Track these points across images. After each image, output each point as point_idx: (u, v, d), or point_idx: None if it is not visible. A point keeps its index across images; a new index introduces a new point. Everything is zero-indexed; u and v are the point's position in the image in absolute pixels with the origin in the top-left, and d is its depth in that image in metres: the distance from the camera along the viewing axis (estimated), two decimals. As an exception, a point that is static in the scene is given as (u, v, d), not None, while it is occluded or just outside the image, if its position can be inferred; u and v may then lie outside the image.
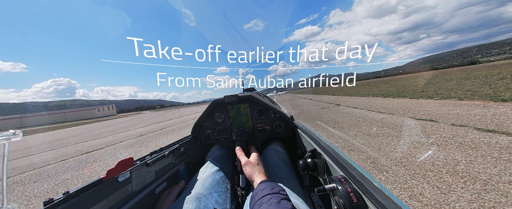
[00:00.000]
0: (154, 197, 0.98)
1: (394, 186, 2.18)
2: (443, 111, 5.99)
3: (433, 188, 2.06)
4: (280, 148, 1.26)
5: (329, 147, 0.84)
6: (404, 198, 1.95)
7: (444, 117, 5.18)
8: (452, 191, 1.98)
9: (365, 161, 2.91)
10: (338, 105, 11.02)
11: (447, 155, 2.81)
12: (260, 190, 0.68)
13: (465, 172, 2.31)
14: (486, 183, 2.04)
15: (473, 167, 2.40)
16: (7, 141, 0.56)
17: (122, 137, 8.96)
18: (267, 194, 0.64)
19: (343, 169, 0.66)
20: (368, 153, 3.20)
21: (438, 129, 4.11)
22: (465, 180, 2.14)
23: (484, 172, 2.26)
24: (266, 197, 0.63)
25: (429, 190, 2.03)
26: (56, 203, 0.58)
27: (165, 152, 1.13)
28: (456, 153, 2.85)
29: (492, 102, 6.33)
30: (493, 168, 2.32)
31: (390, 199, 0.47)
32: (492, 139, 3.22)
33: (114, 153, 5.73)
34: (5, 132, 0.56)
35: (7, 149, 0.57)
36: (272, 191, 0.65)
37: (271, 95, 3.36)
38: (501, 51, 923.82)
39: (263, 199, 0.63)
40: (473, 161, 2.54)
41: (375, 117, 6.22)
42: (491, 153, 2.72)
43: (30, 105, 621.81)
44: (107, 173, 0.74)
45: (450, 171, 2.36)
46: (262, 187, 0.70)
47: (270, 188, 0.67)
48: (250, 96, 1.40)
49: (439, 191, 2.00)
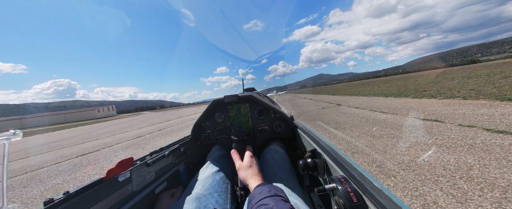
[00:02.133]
0: (154, 197, 0.98)
1: (404, 193, 2.01)
2: (448, 111, 5.80)
3: (448, 196, 1.89)
4: (280, 148, 1.26)
5: (329, 147, 0.83)
6: (417, 207, 1.79)
7: (450, 117, 5.00)
8: (469, 200, 1.81)
9: (370, 164, 2.74)
10: (339, 105, 10.85)
11: (458, 158, 2.65)
12: (257, 194, 0.66)
13: (480, 177, 2.14)
14: (505, 191, 1.87)
15: (489, 172, 2.23)
16: (7, 141, 0.56)
17: (120, 139, 8.82)
18: (264, 197, 0.62)
19: (343, 169, 0.65)
20: (373, 156, 3.03)
21: (445, 130, 3.93)
22: (482, 186, 1.98)
23: (501, 177, 2.09)
24: (263, 200, 0.61)
25: (444, 199, 1.86)
26: (56, 203, 0.59)
27: (165, 152, 1.13)
28: (468, 156, 2.68)
29: (498, 102, 6.14)
30: (511, 173, 2.15)
31: (390, 199, 0.46)
32: (505, 140, 3.05)
33: (110, 156, 5.57)
34: (5, 132, 0.56)
35: (8, 149, 0.57)
36: (269, 194, 0.63)
37: (271, 95, 3.27)
38: (501, 50, 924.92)
39: (261, 202, 0.61)
40: (487, 165, 2.37)
41: (378, 117, 6.04)
42: (505, 156, 2.55)
43: (30, 106, 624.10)
44: (107, 173, 0.74)
45: (463, 177, 2.19)
46: (258, 190, 0.67)
47: (267, 191, 0.65)
48: (250, 96, 1.40)
49: (454, 199, 1.84)
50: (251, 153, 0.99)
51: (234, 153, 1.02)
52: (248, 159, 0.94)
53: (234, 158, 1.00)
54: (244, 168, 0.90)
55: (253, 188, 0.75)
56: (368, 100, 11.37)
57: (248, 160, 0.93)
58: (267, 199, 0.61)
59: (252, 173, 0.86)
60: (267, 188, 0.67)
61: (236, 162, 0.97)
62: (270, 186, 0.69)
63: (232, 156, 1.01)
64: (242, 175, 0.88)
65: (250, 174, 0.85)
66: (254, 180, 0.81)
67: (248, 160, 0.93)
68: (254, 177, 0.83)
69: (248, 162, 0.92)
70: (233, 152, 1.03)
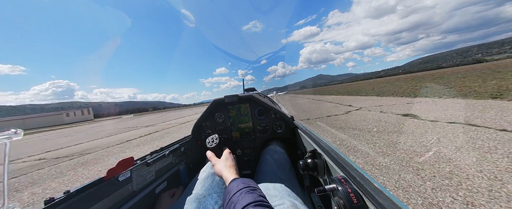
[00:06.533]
0: (154, 197, 0.98)
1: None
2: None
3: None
4: (280, 148, 1.26)
5: (329, 147, 0.83)
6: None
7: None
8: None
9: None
10: (357, 109, 7.80)
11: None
12: (228, 192, 0.66)
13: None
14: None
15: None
16: (8, 140, 0.56)
17: (34, 164, 5.65)
18: (233, 194, 0.63)
19: (343, 169, 0.65)
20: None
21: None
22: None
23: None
24: (233, 198, 0.61)
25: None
26: (57, 202, 0.59)
27: (165, 151, 1.13)
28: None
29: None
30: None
31: (390, 200, 0.46)
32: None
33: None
34: (6, 132, 0.57)
35: (8, 148, 0.57)
36: (237, 189, 0.64)
37: (271, 95, 3.28)
38: (501, 50, 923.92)
39: (231, 200, 0.61)
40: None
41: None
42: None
43: (27, 108, 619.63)
44: (107, 173, 0.74)
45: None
46: (230, 188, 0.67)
47: (236, 186, 0.66)
48: (251, 96, 1.40)
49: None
50: (229, 150, 0.98)
51: (210, 153, 0.99)
52: (225, 154, 0.93)
53: (209, 158, 0.97)
54: (220, 161, 0.90)
55: (228, 180, 0.75)
56: (389, 101, 8.47)
57: (225, 155, 0.93)
58: (235, 196, 0.61)
59: (227, 165, 0.85)
60: (235, 184, 0.67)
61: (212, 159, 0.95)
62: (239, 180, 0.69)
63: (208, 158, 0.98)
64: (217, 168, 0.87)
65: (224, 166, 0.85)
66: (228, 172, 0.81)
67: (224, 155, 0.93)
68: (228, 169, 0.83)
69: (224, 156, 0.92)
70: (209, 153, 0.99)
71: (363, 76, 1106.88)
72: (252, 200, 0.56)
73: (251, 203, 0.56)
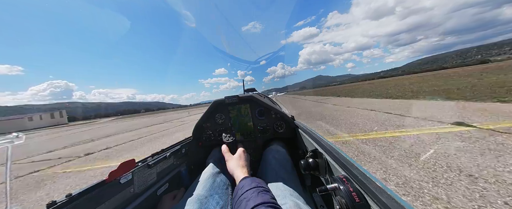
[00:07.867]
0: (156, 199, 0.98)
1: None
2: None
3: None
4: (281, 148, 1.27)
5: (330, 146, 0.83)
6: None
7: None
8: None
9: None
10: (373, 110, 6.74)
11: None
12: (240, 188, 0.69)
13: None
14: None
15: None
16: (10, 144, 0.57)
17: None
18: (246, 190, 0.64)
19: (345, 168, 0.65)
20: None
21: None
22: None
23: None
24: (245, 194, 0.63)
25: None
26: (59, 205, 0.59)
27: (166, 153, 1.12)
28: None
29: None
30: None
31: (393, 198, 0.46)
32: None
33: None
34: (8, 135, 0.57)
35: (10, 152, 0.57)
36: (250, 186, 0.66)
37: (270, 96, 3.28)
38: (501, 51, 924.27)
39: (243, 196, 0.63)
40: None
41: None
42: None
43: (24, 108, 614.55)
44: (109, 175, 0.74)
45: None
46: (241, 184, 0.70)
47: (249, 184, 0.68)
48: (251, 96, 1.40)
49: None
50: (243, 149, 1.02)
51: (225, 148, 1.05)
52: (239, 152, 0.97)
53: (224, 152, 1.02)
54: (233, 159, 0.93)
55: (239, 179, 0.78)
56: (403, 104, 7.05)
57: (239, 153, 0.96)
58: (248, 192, 0.63)
59: (239, 164, 0.88)
60: (249, 181, 0.69)
61: (225, 154, 1.00)
62: (252, 179, 0.72)
63: (223, 152, 1.04)
64: (230, 165, 0.91)
65: (237, 165, 0.88)
66: (240, 171, 0.84)
67: (238, 153, 0.97)
68: (240, 169, 0.86)
69: (238, 154, 0.95)
70: (224, 147, 1.06)
71: (362, 77, 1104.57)
72: (265, 200, 0.58)
73: (265, 203, 0.57)
